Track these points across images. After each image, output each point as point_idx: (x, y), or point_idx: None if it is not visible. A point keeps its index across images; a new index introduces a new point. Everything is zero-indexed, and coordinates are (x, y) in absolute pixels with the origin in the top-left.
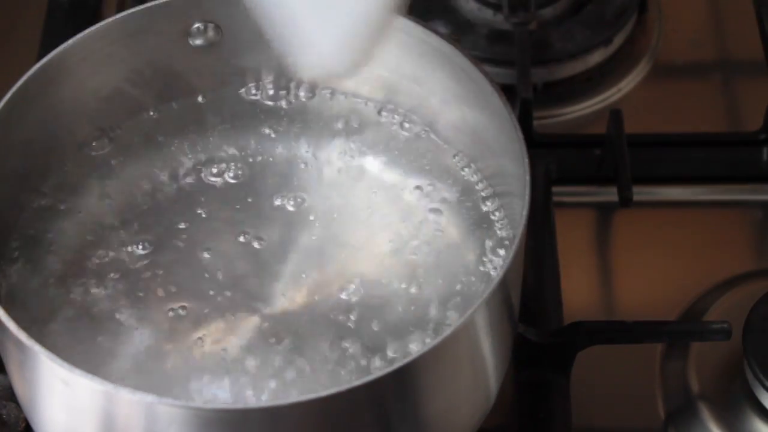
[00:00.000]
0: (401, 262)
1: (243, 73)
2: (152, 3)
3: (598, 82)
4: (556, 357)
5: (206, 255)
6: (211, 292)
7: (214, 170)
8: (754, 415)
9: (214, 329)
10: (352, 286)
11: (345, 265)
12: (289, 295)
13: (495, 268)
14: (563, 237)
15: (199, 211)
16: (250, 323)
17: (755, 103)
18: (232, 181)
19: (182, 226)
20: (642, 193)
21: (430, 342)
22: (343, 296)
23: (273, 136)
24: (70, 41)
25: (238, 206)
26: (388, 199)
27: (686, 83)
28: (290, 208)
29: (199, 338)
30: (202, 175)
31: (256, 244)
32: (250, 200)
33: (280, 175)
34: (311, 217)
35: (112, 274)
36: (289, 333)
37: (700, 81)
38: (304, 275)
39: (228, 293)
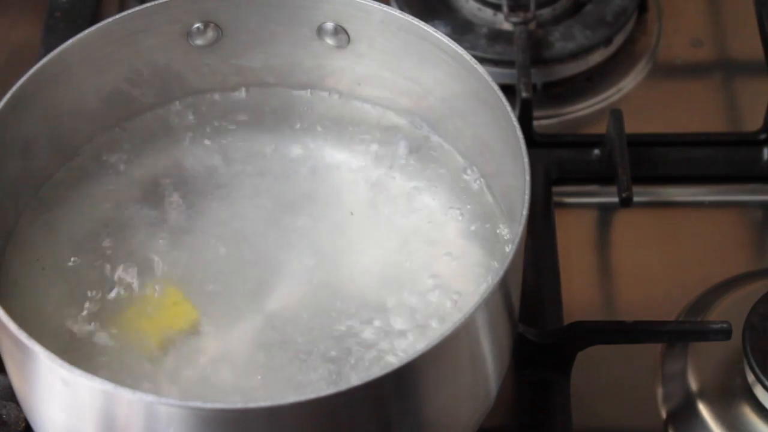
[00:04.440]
0: (401, 261)
1: (243, 73)
2: (152, 3)
3: (598, 82)
4: (556, 357)
5: (208, 254)
6: (213, 289)
7: (215, 171)
8: (754, 415)
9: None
10: (355, 288)
11: (348, 266)
12: (296, 293)
13: (495, 267)
14: (563, 237)
15: (199, 212)
16: (252, 321)
17: (755, 103)
18: (234, 181)
19: (183, 226)
20: (642, 193)
21: (430, 342)
22: (347, 298)
23: (275, 135)
24: (70, 41)
25: (239, 206)
26: (387, 198)
27: (686, 83)
28: (290, 207)
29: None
30: (203, 175)
31: (258, 243)
32: (251, 200)
33: (281, 174)
34: (314, 216)
35: (110, 270)
36: (294, 330)
37: (700, 81)
38: (310, 273)
39: (232, 291)
